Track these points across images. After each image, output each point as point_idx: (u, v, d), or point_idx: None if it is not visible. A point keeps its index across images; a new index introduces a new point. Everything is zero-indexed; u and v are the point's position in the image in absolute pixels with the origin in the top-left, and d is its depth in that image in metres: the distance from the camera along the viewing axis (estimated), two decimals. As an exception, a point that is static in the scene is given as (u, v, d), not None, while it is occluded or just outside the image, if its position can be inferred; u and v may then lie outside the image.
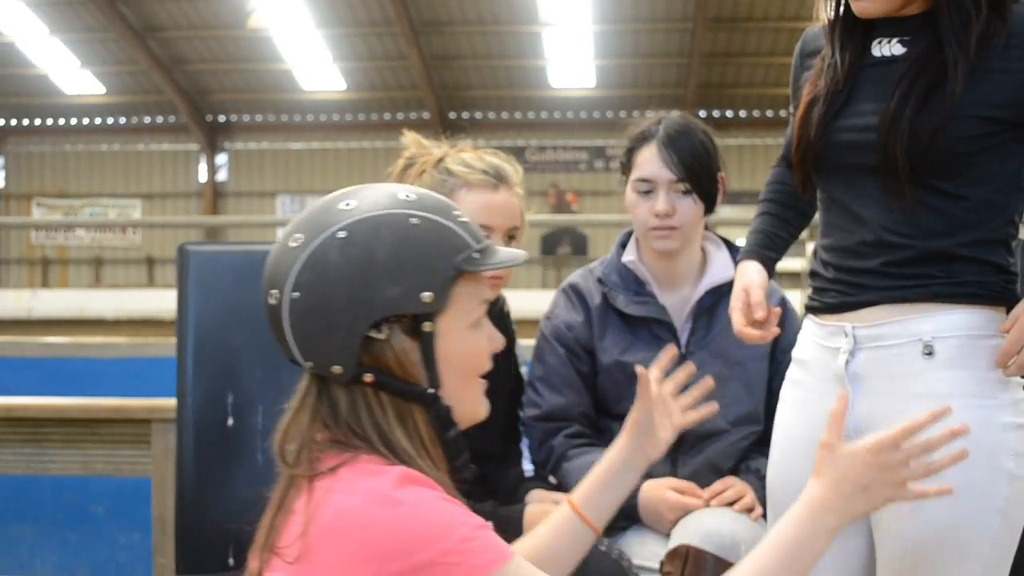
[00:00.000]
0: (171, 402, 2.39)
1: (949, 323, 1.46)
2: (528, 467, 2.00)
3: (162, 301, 15.69)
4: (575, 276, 2.02)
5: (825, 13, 1.60)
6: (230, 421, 2.25)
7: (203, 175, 19.39)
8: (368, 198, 1.18)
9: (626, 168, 1.95)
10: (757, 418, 1.93)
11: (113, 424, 2.88)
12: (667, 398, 1.46)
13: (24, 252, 19.66)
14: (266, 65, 17.31)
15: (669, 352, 1.47)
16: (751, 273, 1.64)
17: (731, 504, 1.81)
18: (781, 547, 1.17)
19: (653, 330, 1.91)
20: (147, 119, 19.14)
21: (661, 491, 1.80)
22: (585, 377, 1.93)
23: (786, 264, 1.88)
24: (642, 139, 1.92)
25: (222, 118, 19.05)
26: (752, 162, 17.48)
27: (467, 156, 1.85)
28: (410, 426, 1.16)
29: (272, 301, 1.18)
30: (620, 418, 1.93)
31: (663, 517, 1.79)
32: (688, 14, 15.27)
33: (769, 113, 18.13)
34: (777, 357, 1.93)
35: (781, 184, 1.74)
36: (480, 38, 16.44)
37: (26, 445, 2.93)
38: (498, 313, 1.97)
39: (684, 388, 1.47)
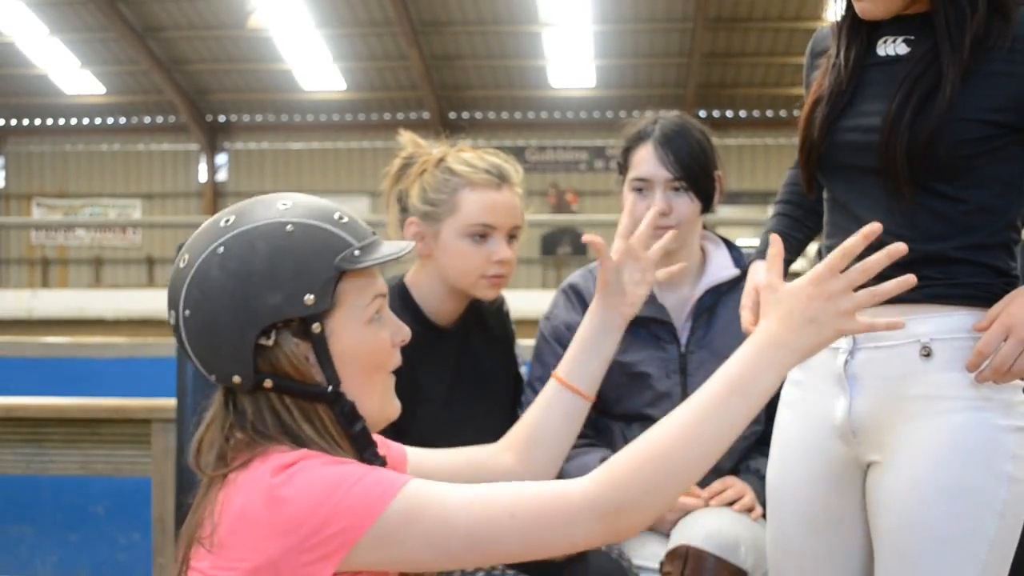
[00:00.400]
0: (171, 402, 2.39)
1: (948, 325, 1.45)
2: None
3: (162, 301, 15.66)
4: (575, 276, 2.02)
5: (833, 12, 1.59)
6: (230, 421, 2.26)
7: (203, 175, 19.39)
8: (246, 212, 1.21)
9: (623, 168, 1.96)
10: (757, 418, 1.93)
11: (113, 424, 2.88)
12: (639, 252, 1.55)
13: (24, 252, 19.67)
14: (266, 65, 17.31)
15: (651, 215, 1.57)
16: (763, 272, 1.65)
17: (731, 504, 1.81)
18: (726, 381, 1.18)
19: (653, 330, 1.91)
20: (147, 119, 19.14)
21: None
22: None
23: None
24: (638, 138, 1.92)
25: (222, 118, 19.05)
26: (752, 162, 17.49)
27: (469, 156, 1.84)
28: (317, 423, 1.19)
29: (172, 322, 1.22)
30: (620, 418, 1.93)
31: (663, 517, 1.79)
32: (688, 14, 15.26)
33: (769, 113, 18.13)
34: None
35: (796, 185, 1.74)
36: (480, 38, 16.43)
37: (26, 445, 2.93)
38: (496, 312, 1.96)
39: None
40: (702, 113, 16.72)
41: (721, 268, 1.95)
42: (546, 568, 1.70)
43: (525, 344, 2.09)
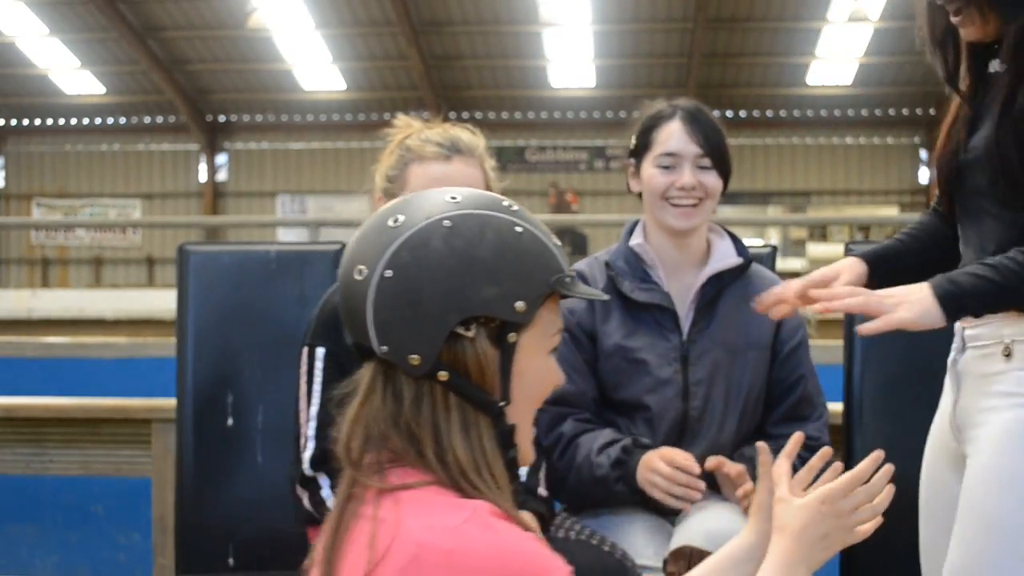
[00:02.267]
0: (171, 402, 2.39)
1: None
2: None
3: (162, 301, 15.68)
4: (580, 263, 2.03)
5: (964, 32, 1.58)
6: (230, 421, 2.25)
7: (203, 175, 19.38)
8: (472, 196, 1.16)
9: (641, 149, 1.96)
10: (748, 415, 1.93)
11: (113, 424, 2.88)
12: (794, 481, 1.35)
13: (24, 252, 19.66)
14: (266, 65, 17.30)
15: (797, 439, 1.41)
16: (841, 263, 1.69)
17: (727, 497, 1.80)
18: None
19: (656, 317, 1.92)
20: (147, 119, 19.13)
21: (652, 459, 1.79)
22: (588, 363, 1.94)
23: (787, 264, 1.89)
24: (661, 117, 1.95)
25: (222, 118, 19.05)
26: (752, 162, 17.48)
27: (430, 132, 1.88)
28: (473, 437, 1.12)
29: (358, 277, 1.12)
30: (619, 406, 1.93)
31: (655, 486, 1.77)
32: (688, 14, 15.26)
33: (769, 113, 18.12)
34: (778, 347, 1.94)
35: (920, 223, 1.76)
36: (480, 38, 16.43)
37: (26, 445, 2.93)
38: None
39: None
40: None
41: (724, 256, 1.96)
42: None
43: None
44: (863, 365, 2.12)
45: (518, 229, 1.14)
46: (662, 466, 1.75)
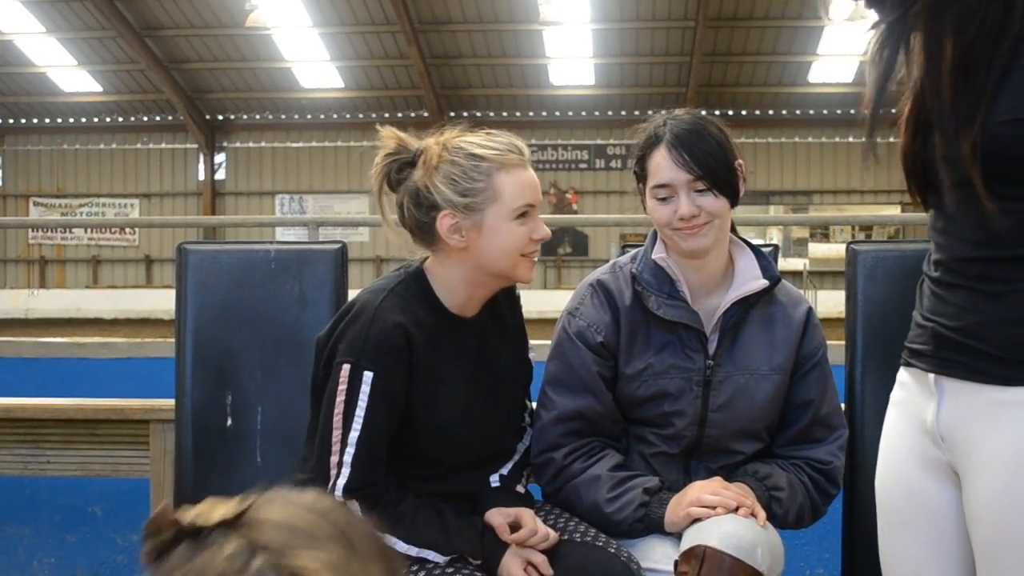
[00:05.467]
0: (170, 403, 2.37)
1: None
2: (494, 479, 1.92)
3: (160, 301, 15.67)
4: (603, 273, 1.92)
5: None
6: (229, 422, 2.24)
7: (201, 174, 19.38)
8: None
9: (640, 177, 1.89)
10: (761, 437, 1.89)
11: (111, 425, 2.86)
12: None
13: (21, 252, 19.65)
14: (265, 64, 17.30)
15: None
16: None
17: (735, 510, 1.78)
18: None
19: (681, 336, 1.85)
20: (145, 118, 19.13)
21: (689, 500, 1.75)
22: (606, 380, 1.88)
23: (788, 264, 1.85)
24: (651, 144, 1.84)
25: (220, 117, 19.04)
26: (752, 162, 17.47)
27: (479, 139, 1.77)
28: None
29: None
30: (634, 419, 1.88)
31: (673, 521, 1.74)
32: (689, 13, 15.27)
33: (770, 112, 18.13)
34: (796, 368, 1.88)
35: None
36: (480, 37, 16.43)
37: (24, 446, 2.91)
38: (507, 296, 1.91)
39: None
40: (702, 112, 16.73)
41: (749, 279, 1.87)
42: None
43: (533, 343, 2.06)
44: (863, 365, 2.10)
45: None
46: (709, 498, 1.72)
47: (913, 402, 1.51)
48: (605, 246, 17.73)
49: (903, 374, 1.54)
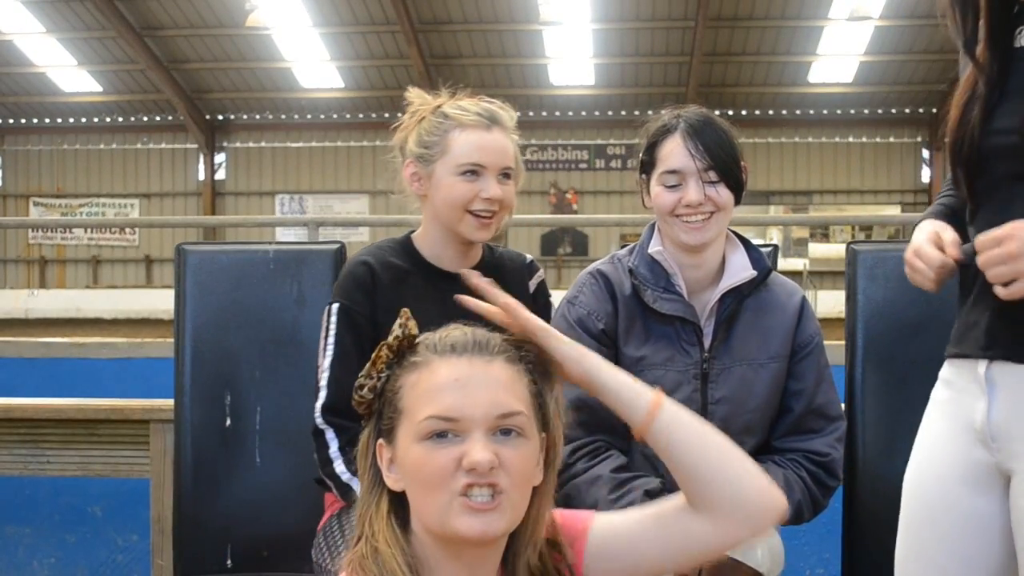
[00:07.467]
0: (169, 403, 2.37)
1: None
2: None
3: (160, 301, 15.67)
4: (603, 264, 1.93)
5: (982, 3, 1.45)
6: (228, 422, 2.24)
7: (201, 174, 19.38)
8: None
9: (647, 165, 1.89)
10: (762, 430, 1.89)
11: (111, 425, 2.86)
12: None
13: (21, 252, 19.65)
14: (264, 64, 17.30)
15: None
16: (931, 224, 1.52)
17: None
18: None
19: (678, 329, 1.85)
20: (145, 118, 19.13)
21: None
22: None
23: (788, 264, 1.84)
24: (664, 132, 1.86)
25: (220, 117, 19.04)
26: (752, 161, 17.35)
27: (464, 102, 1.92)
28: None
29: None
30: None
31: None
32: (689, 13, 15.27)
33: (770, 112, 18.13)
34: (794, 351, 1.88)
35: (943, 204, 1.62)
36: (480, 37, 16.43)
37: (24, 446, 2.91)
38: (519, 276, 1.99)
39: None
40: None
41: (739, 270, 1.88)
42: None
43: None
44: (863, 365, 2.10)
45: None
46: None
47: (959, 401, 1.46)
48: (605, 246, 17.74)
49: (947, 370, 1.49)
